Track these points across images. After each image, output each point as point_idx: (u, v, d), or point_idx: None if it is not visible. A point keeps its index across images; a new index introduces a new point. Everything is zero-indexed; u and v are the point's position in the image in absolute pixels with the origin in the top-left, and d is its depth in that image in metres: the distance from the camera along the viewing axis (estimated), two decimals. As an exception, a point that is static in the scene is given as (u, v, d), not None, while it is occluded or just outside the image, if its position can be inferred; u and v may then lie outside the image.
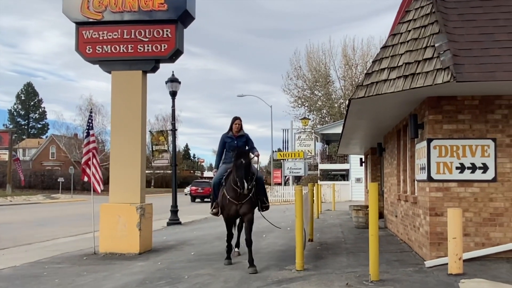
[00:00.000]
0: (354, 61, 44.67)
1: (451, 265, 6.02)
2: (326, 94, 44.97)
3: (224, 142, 7.63)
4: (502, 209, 6.89)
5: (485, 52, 6.11)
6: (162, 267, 7.30)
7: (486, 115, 6.97)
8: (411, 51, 6.51)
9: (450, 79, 5.72)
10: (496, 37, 6.26)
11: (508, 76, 5.94)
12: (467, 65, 5.95)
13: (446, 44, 6.06)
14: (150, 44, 9.06)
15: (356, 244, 9.17)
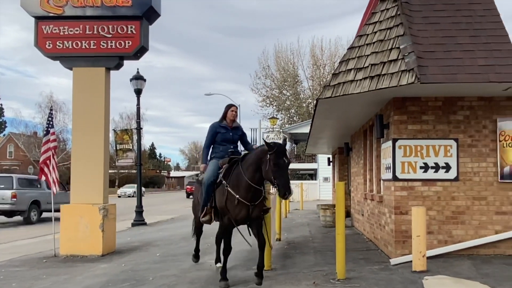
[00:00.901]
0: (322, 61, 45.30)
1: (415, 263, 6.22)
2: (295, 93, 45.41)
3: (215, 132, 6.38)
4: (464, 208, 7.18)
5: (448, 55, 6.36)
6: (126, 269, 7.19)
7: (449, 116, 7.25)
8: (377, 52, 6.69)
9: (414, 81, 5.92)
10: (458, 40, 6.52)
11: (469, 78, 6.20)
12: (431, 67, 6.17)
13: (410, 46, 6.26)
14: (113, 41, 8.91)
15: (324, 243, 9.32)
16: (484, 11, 6.88)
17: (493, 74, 6.22)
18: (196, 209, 6.83)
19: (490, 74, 6.22)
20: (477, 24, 6.68)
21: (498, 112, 7.29)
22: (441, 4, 7.03)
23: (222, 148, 6.37)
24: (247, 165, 5.76)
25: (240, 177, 5.75)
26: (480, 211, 7.18)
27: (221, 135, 6.37)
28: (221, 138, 6.38)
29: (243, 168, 5.76)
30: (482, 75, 6.21)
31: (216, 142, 6.40)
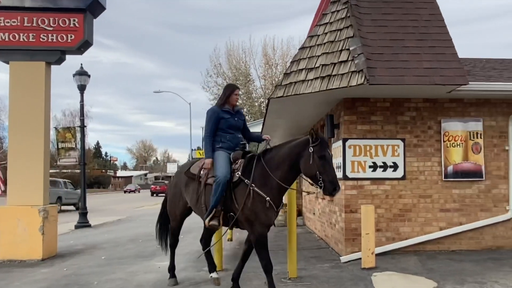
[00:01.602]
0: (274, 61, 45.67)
1: (364, 260, 6.46)
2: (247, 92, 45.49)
3: (218, 118, 5.32)
4: (410, 205, 7.53)
5: (395, 57, 6.64)
6: (68, 273, 6.94)
7: (396, 117, 7.57)
8: (327, 53, 6.87)
9: (363, 82, 6.13)
10: (405, 43, 6.82)
11: (415, 81, 6.51)
12: (379, 68, 6.42)
13: (360, 48, 6.48)
14: (55, 34, 8.58)
15: (275, 242, 9.43)
16: (430, 16, 7.23)
17: (438, 77, 6.56)
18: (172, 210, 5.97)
19: (435, 77, 6.55)
20: (423, 28, 7.02)
21: (442, 114, 7.70)
22: (389, 7, 7.32)
23: (230, 136, 5.38)
24: (276, 162, 4.99)
25: (267, 175, 4.98)
26: (425, 208, 7.56)
27: (225, 121, 5.35)
28: (226, 125, 5.36)
29: (270, 166, 4.98)
30: (427, 78, 6.54)
31: (221, 130, 5.35)
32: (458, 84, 6.63)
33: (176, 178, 6.12)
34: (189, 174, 5.56)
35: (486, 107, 7.83)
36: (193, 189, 5.44)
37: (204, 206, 5.24)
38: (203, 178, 5.30)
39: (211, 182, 5.16)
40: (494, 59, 10.72)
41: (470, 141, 7.68)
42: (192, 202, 5.51)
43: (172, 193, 6.02)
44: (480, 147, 7.71)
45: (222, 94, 5.53)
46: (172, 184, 6.20)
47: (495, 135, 7.82)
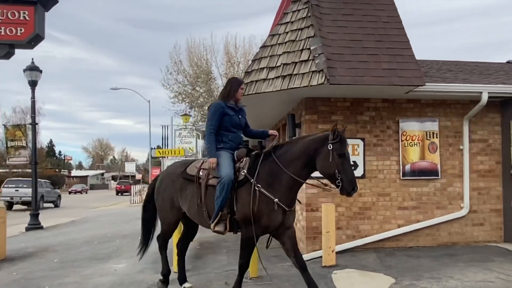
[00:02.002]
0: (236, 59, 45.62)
1: (325, 258, 6.61)
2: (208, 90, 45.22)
3: (223, 114, 4.97)
4: (370, 204, 7.76)
5: (355, 58, 6.83)
6: (18, 278, 6.72)
7: (356, 117, 7.79)
8: (288, 52, 6.98)
9: (324, 81, 6.28)
10: (364, 44, 7.03)
11: (374, 81, 6.72)
12: (339, 69, 6.58)
13: (320, 48, 6.62)
14: (3, 27, 8.37)
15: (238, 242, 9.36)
16: (388, 18, 7.48)
17: (396, 78, 6.81)
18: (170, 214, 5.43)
19: (393, 78, 6.79)
20: (381, 30, 7.26)
21: (400, 114, 7.99)
22: (349, 8, 7.50)
23: (232, 136, 5.04)
24: (289, 158, 4.73)
25: (279, 173, 4.70)
26: (384, 206, 7.82)
27: (229, 119, 4.99)
28: (230, 123, 4.99)
29: (282, 162, 4.72)
30: (386, 78, 6.77)
31: (223, 128, 5.00)
32: (415, 85, 6.90)
33: (165, 181, 5.43)
34: (186, 176, 5.12)
35: (442, 107, 8.19)
36: (192, 192, 5.02)
37: (206, 210, 4.89)
38: (203, 180, 4.93)
39: (213, 183, 4.83)
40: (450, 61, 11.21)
41: (426, 141, 8.01)
42: (190, 206, 5.07)
43: (161, 198, 5.42)
44: (436, 146, 8.05)
45: (227, 88, 5.11)
46: (161, 189, 5.45)
47: (450, 135, 8.20)
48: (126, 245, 9.27)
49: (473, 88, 7.77)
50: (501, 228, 8.29)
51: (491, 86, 7.91)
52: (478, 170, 8.28)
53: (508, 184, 8.19)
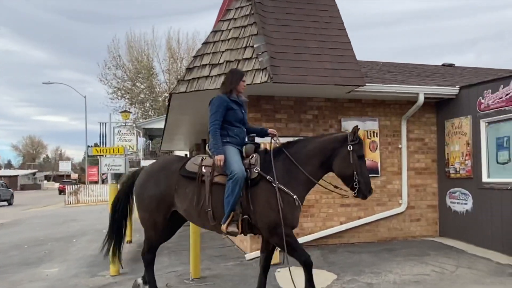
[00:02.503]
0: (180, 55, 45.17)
1: (268, 256, 6.72)
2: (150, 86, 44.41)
3: (226, 108, 4.77)
4: (313, 201, 8.00)
5: (298, 57, 7.00)
6: None
7: (300, 115, 7.99)
8: (231, 49, 7.03)
9: (267, 80, 6.39)
10: (307, 44, 7.22)
11: (317, 80, 6.93)
12: (283, 67, 6.73)
13: (264, 46, 6.73)
14: None
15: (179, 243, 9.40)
16: (330, 18, 7.72)
17: (338, 78, 7.07)
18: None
19: (335, 78, 7.04)
20: (323, 30, 7.49)
21: (342, 113, 8.29)
22: (292, 8, 7.66)
23: (237, 130, 4.83)
24: (304, 156, 4.65)
25: (295, 171, 4.61)
26: (327, 204, 8.08)
27: (234, 113, 4.79)
28: (234, 117, 4.80)
29: (298, 160, 4.63)
30: (328, 78, 7.01)
31: (227, 122, 4.78)
32: (356, 85, 7.19)
33: (154, 178, 4.94)
34: (185, 173, 4.78)
35: (382, 107, 8.59)
36: (193, 191, 4.69)
37: (211, 210, 4.59)
38: (207, 177, 4.65)
39: (220, 181, 4.60)
40: (390, 63, 11.79)
41: (367, 140, 8.36)
42: (190, 206, 4.72)
43: (146, 197, 4.91)
44: (376, 145, 8.43)
45: (228, 80, 4.91)
46: (147, 186, 4.95)
47: (390, 134, 8.62)
48: (59, 249, 8.94)
49: (410, 89, 8.23)
50: (437, 223, 8.84)
51: (427, 87, 8.41)
52: (415, 168, 8.77)
53: (443, 181, 8.73)
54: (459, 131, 8.23)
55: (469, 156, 7.91)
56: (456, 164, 8.30)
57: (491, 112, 7.44)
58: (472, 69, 12.51)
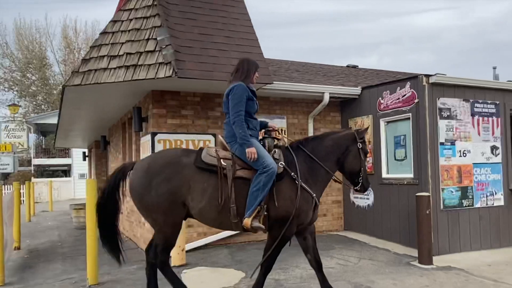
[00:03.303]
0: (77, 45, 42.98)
1: (174, 258, 6.67)
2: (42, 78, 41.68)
3: (247, 98, 4.60)
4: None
5: (205, 52, 6.99)
6: None
7: (207, 112, 8.02)
8: (132, 41, 6.82)
9: (171, 74, 6.31)
10: (214, 39, 7.23)
11: (224, 77, 6.93)
12: (188, 62, 6.69)
13: (168, 39, 6.62)
14: None
15: (75, 247, 9.03)
16: (238, 15, 7.80)
17: (245, 75, 7.17)
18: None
19: (243, 74, 7.14)
20: (231, 26, 7.55)
21: (251, 110, 8.46)
22: (197, 1, 7.60)
23: (255, 123, 4.73)
24: (323, 153, 4.77)
25: (315, 168, 4.70)
26: (233, 202, 8.18)
27: (252, 104, 4.64)
28: (252, 109, 4.66)
29: (318, 156, 4.73)
30: (235, 74, 7.09)
31: (247, 114, 4.60)
32: (264, 82, 7.38)
33: (166, 171, 4.45)
34: (202, 165, 4.46)
35: (289, 105, 8.93)
36: (213, 185, 4.42)
37: (235, 206, 4.39)
38: (229, 171, 4.44)
39: (243, 175, 4.47)
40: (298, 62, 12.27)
41: (275, 137, 8.62)
42: (210, 202, 4.42)
43: (158, 196, 4.40)
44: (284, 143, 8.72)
45: (245, 69, 4.73)
46: (158, 180, 4.42)
47: (297, 132, 8.98)
48: None
49: (316, 89, 8.65)
50: (342, 218, 9.40)
51: (332, 87, 8.90)
52: (320, 164, 9.20)
53: (346, 177, 9.28)
54: (361, 129, 8.80)
55: (370, 153, 8.48)
56: (358, 161, 8.85)
57: (390, 112, 8.05)
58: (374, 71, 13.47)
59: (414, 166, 7.46)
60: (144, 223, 8.23)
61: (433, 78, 7.21)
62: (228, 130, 4.66)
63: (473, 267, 6.33)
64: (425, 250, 6.50)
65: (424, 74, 7.29)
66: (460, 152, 7.42)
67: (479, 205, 7.53)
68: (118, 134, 11.12)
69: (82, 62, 6.86)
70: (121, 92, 7.63)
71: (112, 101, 8.59)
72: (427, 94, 7.21)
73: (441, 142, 7.24)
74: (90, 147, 18.18)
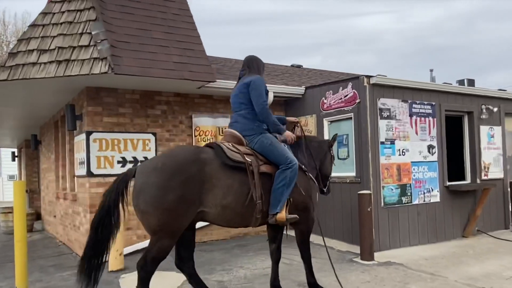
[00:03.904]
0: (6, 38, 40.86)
1: (111, 262, 6.48)
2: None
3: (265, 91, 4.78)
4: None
5: (143, 48, 6.81)
6: None
7: (147, 110, 7.85)
8: (65, 35, 6.53)
9: (107, 70, 6.11)
10: (153, 35, 7.05)
11: (164, 74, 6.85)
12: (126, 58, 6.48)
13: (103, 34, 6.40)
14: None
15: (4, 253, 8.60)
16: (179, 11, 7.66)
17: (187, 72, 7.08)
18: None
19: (184, 72, 7.04)
20: (171, 22, 7.40)
21: (193, 109, 8.38)
22: (136, -5, 7.42)
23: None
24: (316, 152, 5.21)
25: (312, 164, 5.07)
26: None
27: (267, 99, 4.80)
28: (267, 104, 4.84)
29: (315, 155, 5.15)
30: (176, 72, 6.97)
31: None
32: (206, 80, 7.31)
33: (186, 172, 4.11)
34: (231, 163, 4.31)
35: (233, 104, 8.89)
36: (240, 182, 4.31)
37: (261, 202, 4.36)
38: (255, 166, 4.39)
39: (266, 170, 4.47)
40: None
41: (219, 136, 8.58)
42: (235, 200, 4.29)
43: (175, 198, 4.03)
44: (226, 141, 8.70)
45: (258, 64, 4.98)
46: (175, 182, 4.04)
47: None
48: None
49: (260, 87, 8.65)
50: (285, 218, 9.47)
51: (276, 86, 8.96)
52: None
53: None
54: (305, 129, 8.92)
55: (313, 152, 8.62)
56: (302, 160, 8.99)
57: (333, 111, 8.22)
58: (318, 71, 13.72)
59: (356, 164, 7.66)
60: (79, 227, 7.95)
61: (373, 79, 7.42)
62: (244, 123, 4.64)
63: (412, 262, 6.58)
64: (366, 247, 6.69)
65: (365, 75, 7.49)
66: (399, 151, 7.70)
67: (417, 202, 7.85)
68: (50, 133, 10.67)
69: (8, 56, 6.48)
70: (52, 88, 7.28)
71: (43, 98, 8.20)
72: (368, 95, 7.41)
73: (381, 141, 7.48)
74: (20, 146, 17.33)
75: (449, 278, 5.76)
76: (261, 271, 6.21)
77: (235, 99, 4.79)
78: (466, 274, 5.95)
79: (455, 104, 8.61)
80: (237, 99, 4.75)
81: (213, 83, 7.57)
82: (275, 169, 4.51)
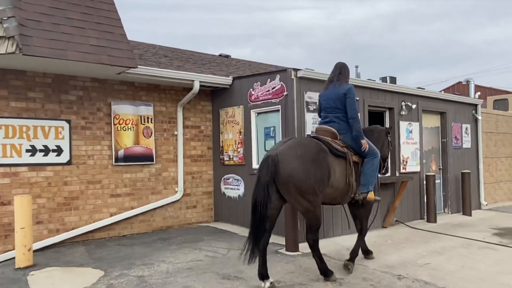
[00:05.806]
0: None
1: (19, 258, 6.03)
2: None
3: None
4: (78, 192, 7.44)
5: (57, 28, 6.26)
6: None
7: (60, 95, 7.29)
8: (-38, 9, 5.88)
9: (15, 51, 5.59)
10: (68, 14, 6.49)
11: (80, 57, 6.35)
12: (36, 38, 5.94)
13: (10, 10, 5.84)
14: None
15: None
16: (97, -10, 7.17)
17: (106, 56, 6.61)
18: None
19: (102, 56, 6.57)
20: (89, 2, 6.83)
21: (112, 96, 7.89)
22: (48, -31, 6.84)
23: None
24: (377, 140, 6.51)
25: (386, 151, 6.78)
26: (95, 195, 7.61)
27: None
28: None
29: (377, 143, 6.40)
30: (94, 56, 6.49)
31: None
32: (126, 66, 6.88)
33: (320, 157, 5.22)
34: (336, 153, 5.49)
35: (157, 92, 8.50)
36: (344, 167, 5.53)
37: (352, 186, 5.58)
38: (351, 156, 5.60)
39: (356, 160, 5.69)
40: (167, 47, 11.78)
41: (141, 125, 8.18)
42: (342, 181, 5.51)
43: (317, 180, 5.11)
44: (151, 131, 8.30)
45: (348, 74, 5.99)
46: (313, 168, 5.09)
47: (165, 120, 8.60)
48: None
49: (186, 76, 8.31)
50: (212, 209, 9.27)
51: (203, 75, 8.63)
52: (191, 155, 8.97)
53: (218, 168, 9.16)
54: (232, 120, 8.70)
55: (241, 144, 8.43)
56: (230, 151, 8.77)
57: (260, 103, 8.05)
58: (247, 62, 13.52)
59: (281, 156, 7.52)
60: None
61: (301, 72, 7.35)
62: (340, 123, 5.75)
63: (334, 252, 6.63)
64: (291, 238, 6.66)
65: (293, 68, 7.40)
66: (323, 143, 7.65)
67: (339, 194, 7.86)
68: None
69: None
70: None
71: None
72: (295, 88, 7.32)
73: (307, 135, 7.40)
74: None
75: (368, 267, 5.86)
76: (184, 265, 5.98)
77: (330, 102, 5.79)
78: (384, 262, 6.09)
79: (378, 100, 8.73)
80: (332, 103, 5.76)
81: (134, 69, 7.16)
82: (361, 159, 5.75)
